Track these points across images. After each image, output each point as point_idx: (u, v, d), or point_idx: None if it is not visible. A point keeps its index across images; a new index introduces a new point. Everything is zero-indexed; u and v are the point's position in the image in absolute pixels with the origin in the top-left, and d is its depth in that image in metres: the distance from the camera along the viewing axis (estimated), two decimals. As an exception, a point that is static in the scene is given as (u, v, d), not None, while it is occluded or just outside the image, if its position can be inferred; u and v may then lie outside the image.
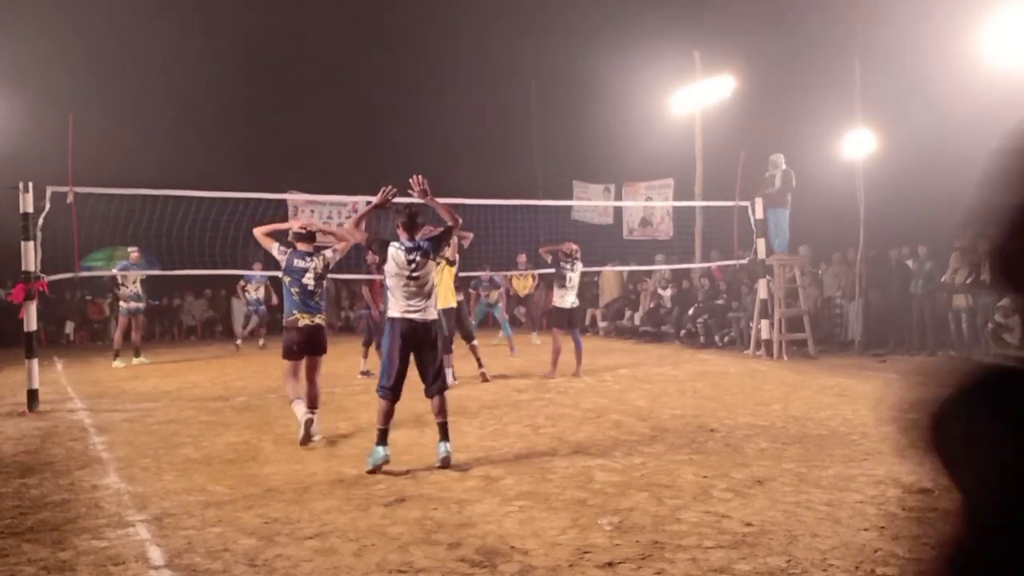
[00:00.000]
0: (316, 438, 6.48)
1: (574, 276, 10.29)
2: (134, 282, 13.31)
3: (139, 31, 20.01)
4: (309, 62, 23.01)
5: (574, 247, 10.45)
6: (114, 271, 13.11)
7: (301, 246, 6.79)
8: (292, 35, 22.75)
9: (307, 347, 6.65)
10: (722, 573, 3.51)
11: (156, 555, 3.92)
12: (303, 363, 6.68)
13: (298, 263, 6.67)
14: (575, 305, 10.42)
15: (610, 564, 3.64)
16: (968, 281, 11.50)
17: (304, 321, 6.60)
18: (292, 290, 6.64)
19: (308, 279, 6.63)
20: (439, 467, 5.53)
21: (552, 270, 10.76)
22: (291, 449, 6.25)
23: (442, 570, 3.64)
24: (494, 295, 14.97)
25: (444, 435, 5.68)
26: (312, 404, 6.52)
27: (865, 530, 4.00)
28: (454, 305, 9.62)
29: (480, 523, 4.29)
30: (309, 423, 6.38)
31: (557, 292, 10.35)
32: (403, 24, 23.06)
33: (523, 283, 16.51)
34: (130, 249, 12.95)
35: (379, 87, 24.14)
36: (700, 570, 3.54)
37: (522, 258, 15.45)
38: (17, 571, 3.76)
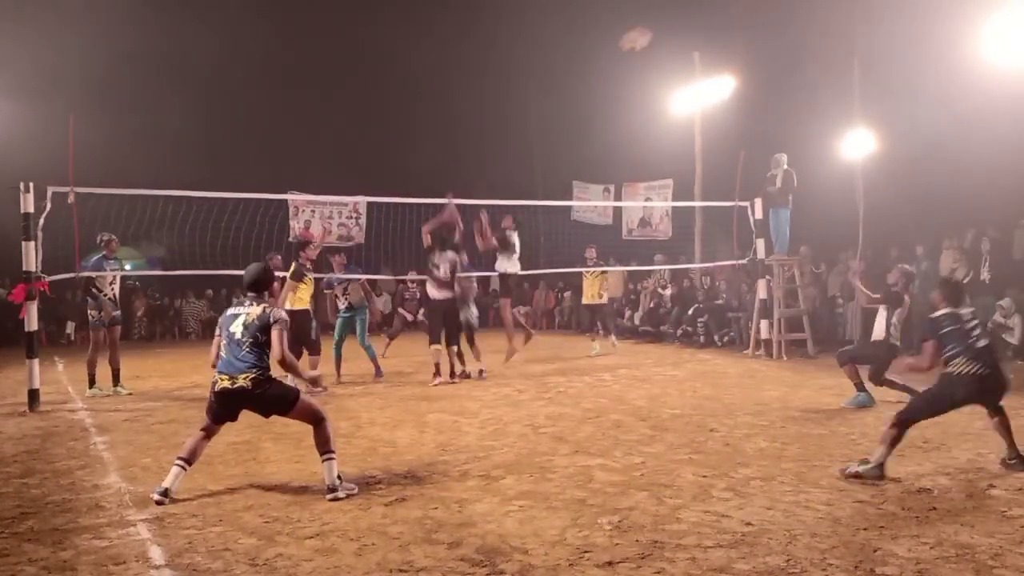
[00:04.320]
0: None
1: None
2: None
3: (139, 32, 20.00)
4: (309, 62, 23.02)
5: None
6: None
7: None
8: (292, 36, 22.76)
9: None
10: (722, 573, 3.51)
11: (157, 554, 3.92)
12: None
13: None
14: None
15: (610, 564, 3.64)
16: (967, 281, 11.50)
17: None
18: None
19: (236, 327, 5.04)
20: None
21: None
22: (291, 449, 6.25)
23: (442, 569, 3.64)
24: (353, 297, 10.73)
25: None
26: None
27: (865, 530, 4.00)
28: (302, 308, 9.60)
29: (480, 523, 4.29)
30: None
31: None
32: (403, 25, 23.07)
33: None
34: None
35: (379, 87, 24.15)
36: (700, 570, 3.55)
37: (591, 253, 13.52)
38: (18, 571, 3.76)
